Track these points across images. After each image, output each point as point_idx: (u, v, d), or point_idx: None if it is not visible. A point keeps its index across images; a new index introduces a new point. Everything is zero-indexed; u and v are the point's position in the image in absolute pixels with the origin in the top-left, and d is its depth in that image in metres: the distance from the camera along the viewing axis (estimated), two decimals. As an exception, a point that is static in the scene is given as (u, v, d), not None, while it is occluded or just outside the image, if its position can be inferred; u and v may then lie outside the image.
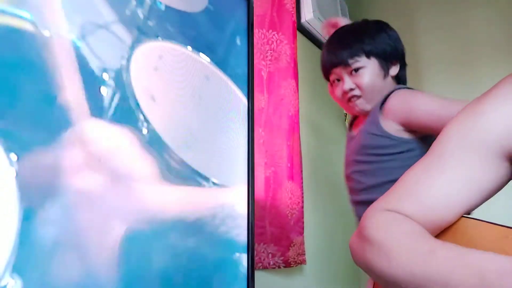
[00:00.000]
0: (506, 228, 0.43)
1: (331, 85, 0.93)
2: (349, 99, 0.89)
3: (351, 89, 0.87)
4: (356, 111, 0.91)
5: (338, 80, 0.91)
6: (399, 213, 0.48)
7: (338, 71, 0.89)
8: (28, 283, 0.40)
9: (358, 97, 0.88)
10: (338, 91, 0.90)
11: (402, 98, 0.82)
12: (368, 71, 0.86)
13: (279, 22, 1.30)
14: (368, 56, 0.87)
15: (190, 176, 0.63)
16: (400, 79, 0.93)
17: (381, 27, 0.91)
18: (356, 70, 0.87)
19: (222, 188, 0.69)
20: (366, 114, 0.90)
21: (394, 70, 0.90)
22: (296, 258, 1.16)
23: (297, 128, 1.27)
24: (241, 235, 0.70)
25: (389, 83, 0.89)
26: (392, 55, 0.90)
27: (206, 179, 0.65)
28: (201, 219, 0.63)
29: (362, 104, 0.88)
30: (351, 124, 1.01)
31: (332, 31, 0.97)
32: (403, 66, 0.93)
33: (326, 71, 0.93)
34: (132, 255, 0.51)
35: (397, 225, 0.46)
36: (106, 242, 0.49)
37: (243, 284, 0.68)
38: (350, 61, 0.86)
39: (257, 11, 1.23)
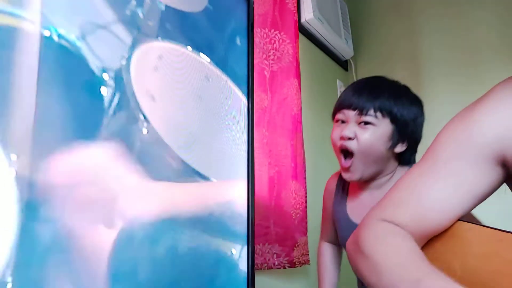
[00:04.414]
0: (501, 231, 0.45)
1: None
2: (341, 149, 0.82)
3: (350, 138, 0.80)
4: (344, 167, 0.83)
5: (343, 122, 0.83)
6: (395, 223, 0.48)
7: (349, 114, 0.81)
8: (29, 282, 0.40)
9: (351, 156, 0.80)
10: (337, 133, 0.83)
11: None
12: (375, 132, 0.79)
13: (281, 21, 1.30)
14: (391, 120, 0.79)
15: (190, 176, 0.63)
16: (401, 160, 0.86)
17: (420, 103, 0.84)
18: (366, 123, 0.79)
19: (222, 188, 0.69)
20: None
21: (400, 148, 0.82)
22: (300, 258, 1.16)
23: (300, 127, 1.26)
24: (241, 234, 0.70)
25: (389, 158, 0.83)
26: (409, 134, 0.81)
27: (206, 179, 0.65)
28: (200, 218, 0.63)
29: (354, 168, 0.81)
30: (343, 186, 0.94)
31: None
32: (411, 150, 0.85)
33: (338, 109, 0.85)
34: (127, 256, 0.51)
35: (391, 241, 0.47)
36: (103, 242, 0.49)
37: (243, 282, 0.67)
38: (368, 112, 0.78)
39: (259, 10, 1.23)
